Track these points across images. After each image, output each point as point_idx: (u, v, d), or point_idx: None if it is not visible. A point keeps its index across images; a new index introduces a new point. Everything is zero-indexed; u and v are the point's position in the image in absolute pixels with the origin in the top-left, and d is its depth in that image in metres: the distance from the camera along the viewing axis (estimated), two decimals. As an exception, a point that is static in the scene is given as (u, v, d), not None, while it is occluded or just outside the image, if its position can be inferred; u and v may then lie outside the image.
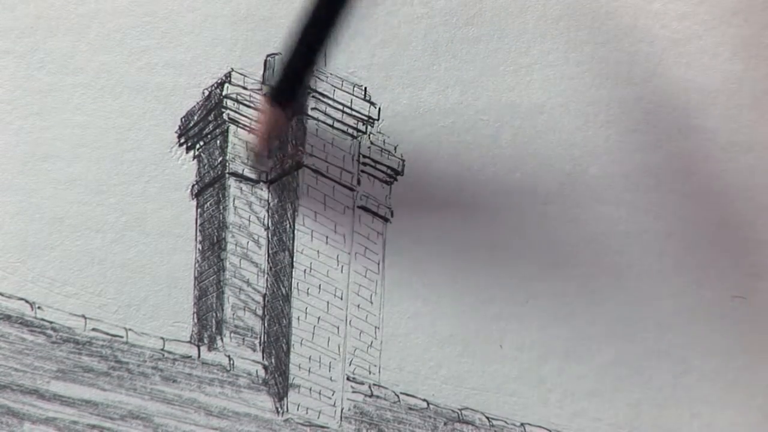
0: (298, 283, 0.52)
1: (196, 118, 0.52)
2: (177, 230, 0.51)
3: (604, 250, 0.54)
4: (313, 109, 0.52)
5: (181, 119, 0.52)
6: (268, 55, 0.52)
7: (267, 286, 0.52)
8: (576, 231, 0.54)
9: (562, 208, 0.54)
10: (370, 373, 0.52)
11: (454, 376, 0.52)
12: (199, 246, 0.51)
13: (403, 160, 0.53)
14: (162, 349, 0.50)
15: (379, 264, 0.52)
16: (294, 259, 0.52)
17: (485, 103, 0.54)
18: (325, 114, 0.52)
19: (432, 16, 0.52)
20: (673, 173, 0.55)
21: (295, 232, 0.52)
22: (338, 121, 0.52)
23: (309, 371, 0.51)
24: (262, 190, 0.52)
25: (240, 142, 0.52)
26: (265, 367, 0.51)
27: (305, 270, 0.52)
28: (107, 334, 0.50)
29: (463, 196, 0.53)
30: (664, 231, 0.54)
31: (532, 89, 0.54)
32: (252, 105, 0.52)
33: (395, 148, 0.53)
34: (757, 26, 0.56)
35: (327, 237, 0.52)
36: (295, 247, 0.52)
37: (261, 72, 0.52)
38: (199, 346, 0.51)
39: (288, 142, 0.52)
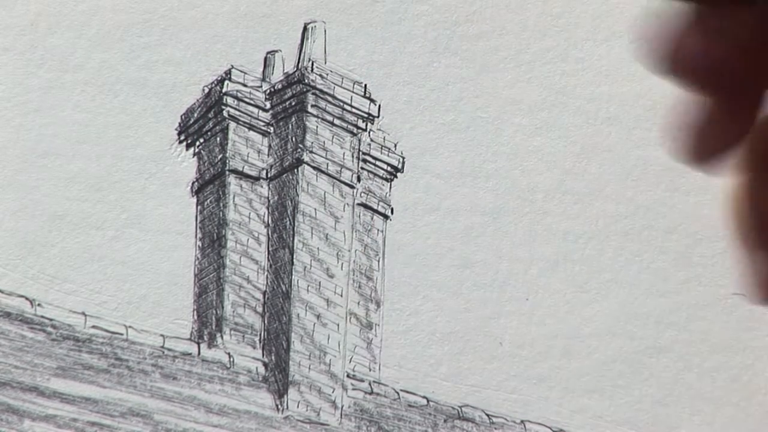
0: (298, 281, 0.52)
1: (196, 115, 0.52)
2: (177, 227, 0.51)
3: (604, 246, 0.54)
4: (313, 106, 0.52)
5: (181, 116, 0.52)
6: (267, 53, 0.52)
7: (267, 283, 0.52)
8: (576, 228, 0.54)
9: (562, 204, 0.54)
10: (370, 370, 0.52)
11: (454, 374, 0.52)
12: (199, 243, 0.51)
13: (403, 158, 0.53)
14: (162, 347, 0.50)
15: (379, 261, 0.52)
16: (294, 257, 0.52)
17: (485, 99, 0.54)
18: (325, 111, 0.52)
19: (432, 13, 0.52)
20: (674, 170, 0.55)
21: (295, 229, 0.52)
22: (338, 117, 0.52)
23: (309, 368, 0.51)
24: (262, 187, 0.52)
25: (240, 138, 0.52)
26: (265, 365, 0.51)
27: (305, 267, 0.52)
28: (107, 331, 0.50)
29: (463, 193, 0.53)
30: (665, 228, 0.54)
31: (532, 86, 0.54)
32: (252, 102, 0.52)
33: (395, 145, 0.53)
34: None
35: (327, 234, 0.52)
36: (295, 245, 0.52)
37: (261, 69, 0.52)
38: (199, 344, 0.51)
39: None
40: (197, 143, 0.52)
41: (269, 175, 0.52)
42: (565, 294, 0.53)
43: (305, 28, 0.52)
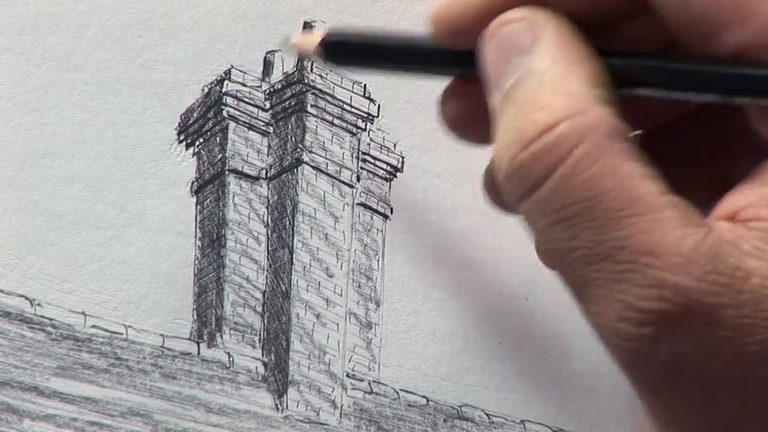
0: (297, 280, 0.52)
1: (195, 115, 0.52)
2: (177, 227, 0.51)
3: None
4: (312, 106, 0.52)
5: (181, 116, 0.52)
6: (267, 52, 0.52)
7: (267, 282, 0.52)
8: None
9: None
10: (369, 369, 0.52)
11: (454, 373, 0.52)
12: (199, 243, 0.51)
13: (403, 157, 0.53)
14: (162, 346, 0.50)
15: (378, 261, 0.52)
16: (293, 256, 0.52)
17: (485, 99, 0.54)
18: (325, 111, 0.52)
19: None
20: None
21: (295, 228, 0.52)
22: (338, 117, 0.52)
23: (308, 368, 0.51)
24: (261, 187, 0.52)
25: (239, 138, 0.52)
26: (265, 364, 0.51)
27: (305, 267, 0.52)
28: (107, 330, 0.50)
29: (463, 193, 0.53)
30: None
31: (532, 86, 0.54)
32: (252, 102, 0.52)
33: (395, 145, 0.53)
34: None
35: (326, 234, 0.52)
36: (294, 244, 0.52)
37: (260, 69, 0.52)
38: (198, 343, 0.51)
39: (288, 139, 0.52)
40: (197, 143, 0.52)
41: (269, 175, 0.52)
42: (565, 294, 0.53)
43: (305, 28, 0.52)
